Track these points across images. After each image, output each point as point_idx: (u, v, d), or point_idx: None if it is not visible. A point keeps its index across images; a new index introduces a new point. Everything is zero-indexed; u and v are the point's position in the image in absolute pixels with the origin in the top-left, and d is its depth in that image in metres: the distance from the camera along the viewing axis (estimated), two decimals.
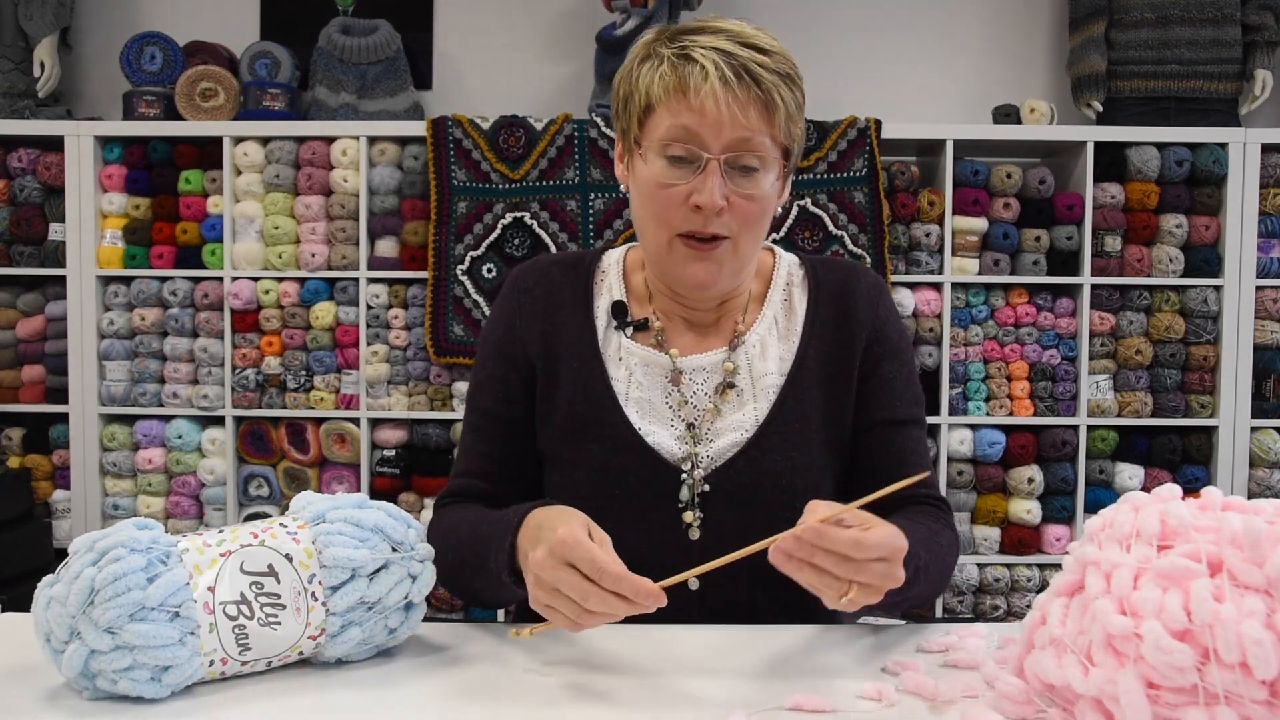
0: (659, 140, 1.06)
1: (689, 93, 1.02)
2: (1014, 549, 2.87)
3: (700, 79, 1.02)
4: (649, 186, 1.07)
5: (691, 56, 1.03)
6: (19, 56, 3.01)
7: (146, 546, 0.84)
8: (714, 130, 1.03)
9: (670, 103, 1.04)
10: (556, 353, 1.17)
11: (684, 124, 1.04)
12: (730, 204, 1.05)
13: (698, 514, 1.12)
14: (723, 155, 1.04)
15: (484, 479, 1.18)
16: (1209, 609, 0.67)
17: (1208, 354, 2.84)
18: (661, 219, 1.08)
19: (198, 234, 2.88)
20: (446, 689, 0.89)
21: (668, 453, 1.13)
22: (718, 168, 1.04)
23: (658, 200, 1.07)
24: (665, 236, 1.09)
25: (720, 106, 1.02)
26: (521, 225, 2.81)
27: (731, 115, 1.02)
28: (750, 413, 1.15)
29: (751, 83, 1.03)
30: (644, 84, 1.07)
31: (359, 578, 0.91)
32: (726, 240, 1.08)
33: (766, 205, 1.08)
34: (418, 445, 2.89)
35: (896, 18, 3.21)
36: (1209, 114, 2.93)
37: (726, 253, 1.09)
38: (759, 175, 1.06)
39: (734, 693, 0.87)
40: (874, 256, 2.79)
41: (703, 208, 1.04)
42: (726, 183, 1.05)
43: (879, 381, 1.18)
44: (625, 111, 1.11)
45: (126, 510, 2.92)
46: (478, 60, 3.22)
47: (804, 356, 1.17)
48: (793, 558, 0.85)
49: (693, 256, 1.08)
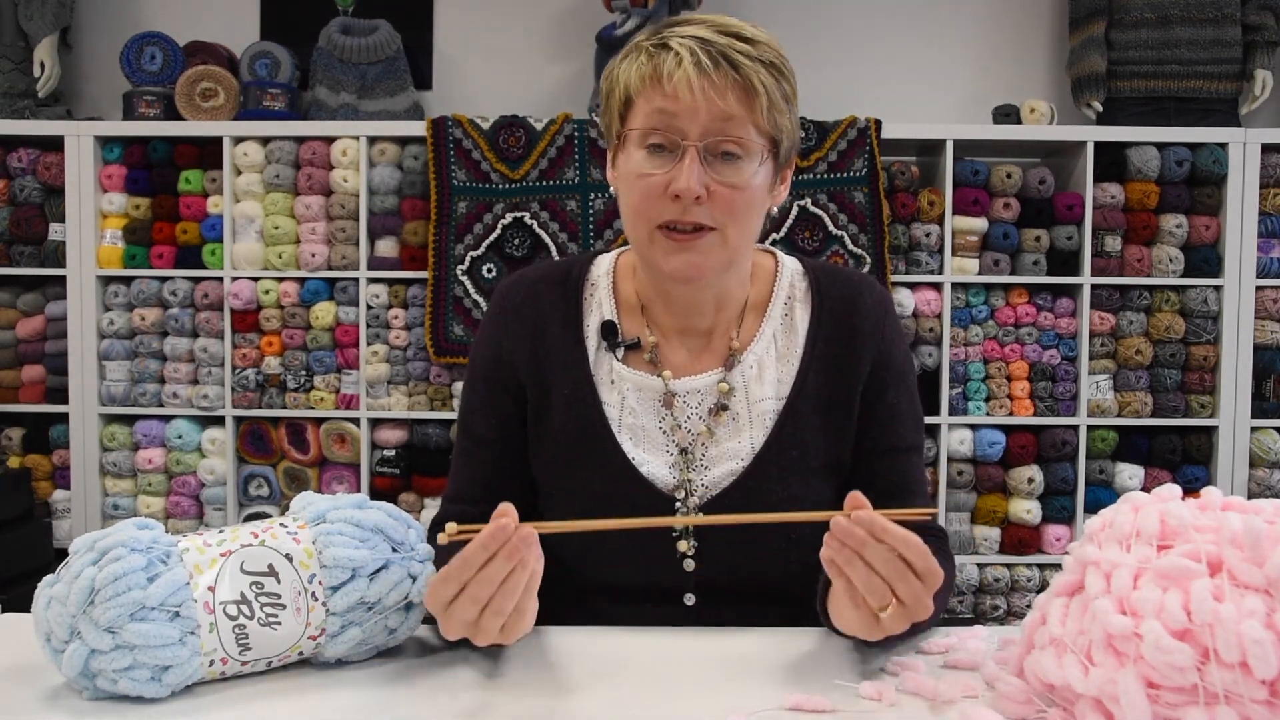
0: (637, 131, 1.04)
1: (663, 79, 1.00)
2: (1014, 549, 2.87)
3: (674, 65, 1.00)
4: (629, 178, 1.06)
5: (668, 45, 1.02)
6: (19, 56, 3.01)
7: (147, 546, 0.84)
8: (690, 116, 1.00)
9: (646, 91, 1.03)
10: (547, 376, 1.14)
11: (659, 110, 1.01)
12: (712, 193, 1.02)
13: (692, 544, 1.10)
14: (701, 142, 1.01)
15: (477, 505, 1.14)
16: (1209, 609, 0.67)
17: (1208, 354, 2.84)
18: (641, 210, 1.05)
19: (198, 234, 2.88)
20: (446, 689, 0.89)
21: (662, 483, 1.11)
22: (695, 154, 1.01)
23: (637, 191, 1.05)
24: (646, 229, 1.06)
25: (695, 92, 0.99)
26: (521, 225, 2.81)
27: (708, 100, 1.00)
28: (746, 441, 1.11)
29: (729, 68, 1.00)
30: (623, 78, 1.05)
31: (359, 578, 0.91)
32: (712, 232, 1.04)
33: (752, 195, 1.05)
34: (418, 445, 2.89)
35: (896, 18, 3.21)
36: (1209, 114, 2.93)
37: (713, 244, 1.05)
38: (742, 163, 1.03)
39: (733, 693, 0.87)
40: (874, 256, 2.79)
41: (680, 195, 1.01)
42: (707, 171, 1.02)
43: (885, 409, 1.14)
44: (608, 107, 1.09)
45: (126, 510, 2.92)
46: (478, 60, 3.22)
47: (804, 381, 1.13)
48: (846, 546, 0.83)
49: (673, 248, 1.05)
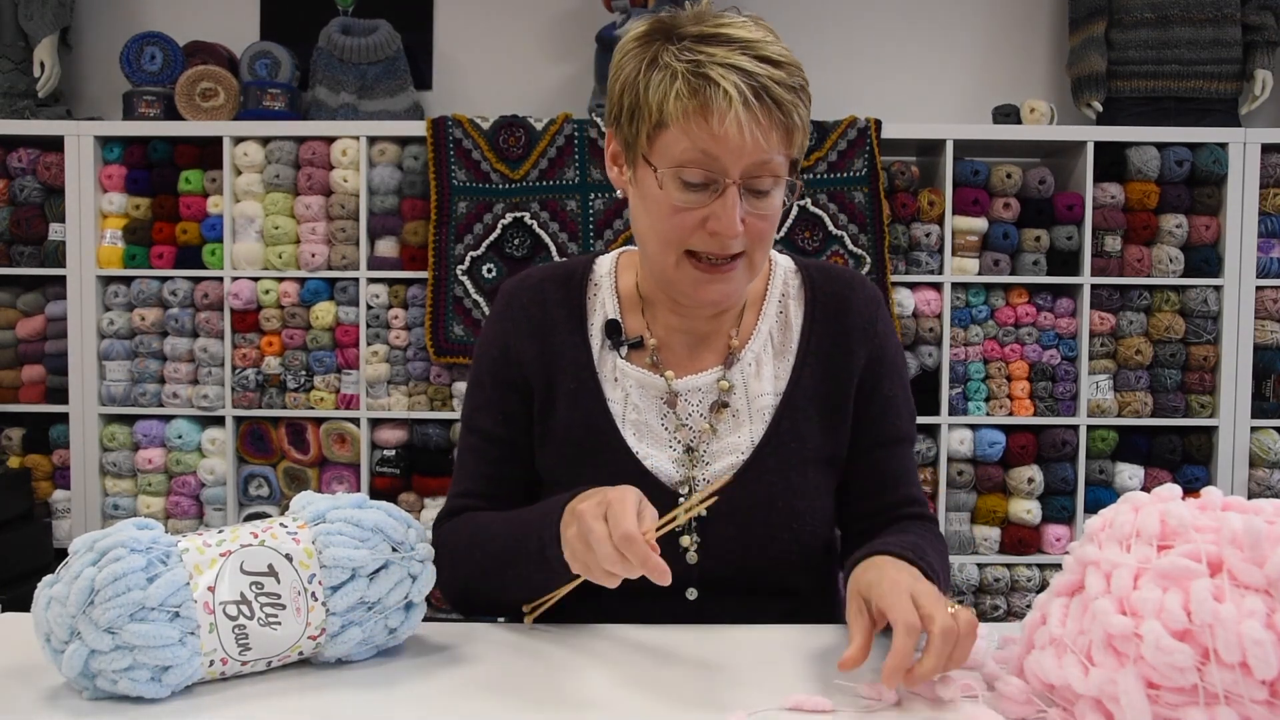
0: (674, 161, 1.01)
1: (710, 118, 0.97)
2: (1014, 549, 2.87)
3: (724, 105, 0.97)
4: (660, 207, 1.03)
5: (710, 76, 0.97)
6: (19, 56, 3.01)
7: (146, 546, 0.84)
8: (735, 156, 0.99)
9: (689, 125, 0.99)
10: (553, 374, 1.16)
11: (704, 149, 0.99)
12: (745, 224, 1.02)
13: (695, 538, 1.12)
14: (742, 180, 1.00)
15: (484, 499, 1.16)
16: (1209, 609, 0.67)
17: (1208, 354, 2.84)
18: (671, 240, 1.04)
19: (198, 234, 2.88)
20: (446, 689, 0.89)
21: (665, 477, 1.13)
22: (736, 192, 1.00)
23: (669, 223, 1.03)
24: (673, 256, 1.05)
25: (744, 133, 0.97)
26: (521, 225, 2.81)
27: (754, 141, 0.97)
28: (746, 434, 1.14)
29: (773, 105, 0.98)
30: (655, 98, 1.00)
31: (359, 578, 0.91)
32: (741, 257, 1.06)
33: (777, 218, 1.06)
34: (418, 445, 2.89)
35: (896, 18, 3.21)
36: (1209, 114, 2.93)
37: (742, 270, 1.07)
38: (773, 194, 1.03)
39: (734, 693, 0.87)
40: (874, 256, 2.79)
41: (721, 234, 1.01)
42: (742, 204, 1.01)
43: (881, 402, 1.17)
44: (631, 122, 1.04)
45: (126, 510, 2.92)
46: (478, 60, 3.22)
47: (800, 375, 1.15)
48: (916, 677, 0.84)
49: (705, 279, 1.05)
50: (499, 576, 1.07)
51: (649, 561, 0.84)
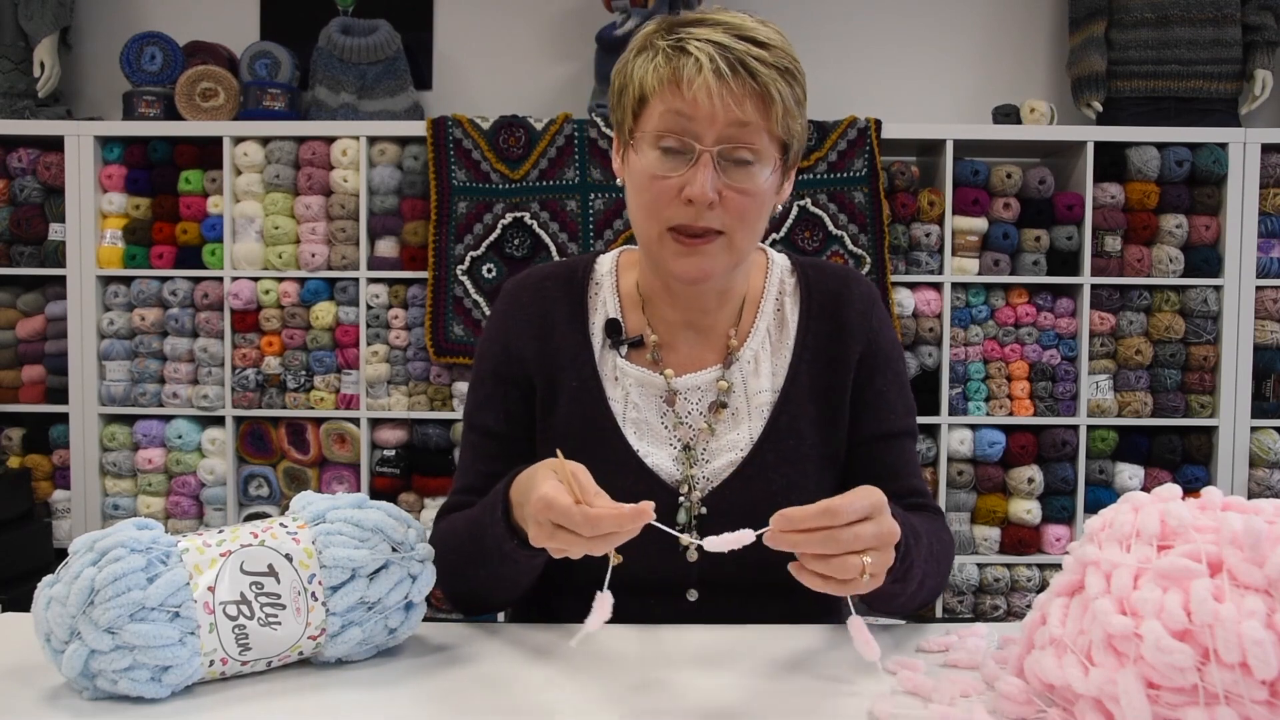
0: (652, 131, 1.04)
1: (682, 84, 1.01)
2: (1014, 549, 2.87)
3: (694, 71, 1.00)
4: (641, 178, 1.06)
5: (686, 49, 1.02)
6: (19, 56, 3.01)
7: (146, 546, 0.84)
8: (707, 122, 1.01)
9: (664, 93, 1.03)
10: (554, 371, 1.17)
11: (675, 113, 1.02)
12: (723, 198, 1.03)
13: (695, 537, 1.12)
14: (715, 148, 1.02)
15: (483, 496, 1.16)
16: (1209, 609, 0.67)
17: (1208, 354, 2.84)
18: (652, 211, 1.06)
19: (198, 234, 2.88)
20: (446, 689, 0.89)
21: (665, 474, 1.13)
22: (710, 160, 1.02)
23: (649, 192, 1.06)
24: (656, 230, 1.07)
25: (713, 99, 1.00)
26: (521, 225, 2.81)
27: (725, 107, 1.00)
28: (745, 431, 1.15)
29: (747, 76, 1.01)
30: (638, 75, 1.06)
31: (359, 578, 0.91)
32: (720, 236, 1.06)
33: (761, 200, 1.06)
34: (418, 445, 2.89)
35: (896, 18, 3.21)
36: (1209, 114, 2.93)
37: (720, 248, 1.07)
38: (754, 169, 1.04)
39: (734, 693, 0.87)
40: (874, 256, 2.79)
41: (693, 200, 1.03)
42: (720, 176, 1.03)
43: (874, 395, 1.18)
44: (620, 103, 1.09)
45: (126, 510, 2.92)
46: (478, 60, 3.22)
47: (796, 371, 1.16)
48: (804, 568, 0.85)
49: (682, 251, 1.06)
50: (473, 576, 1.08)
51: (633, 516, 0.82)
